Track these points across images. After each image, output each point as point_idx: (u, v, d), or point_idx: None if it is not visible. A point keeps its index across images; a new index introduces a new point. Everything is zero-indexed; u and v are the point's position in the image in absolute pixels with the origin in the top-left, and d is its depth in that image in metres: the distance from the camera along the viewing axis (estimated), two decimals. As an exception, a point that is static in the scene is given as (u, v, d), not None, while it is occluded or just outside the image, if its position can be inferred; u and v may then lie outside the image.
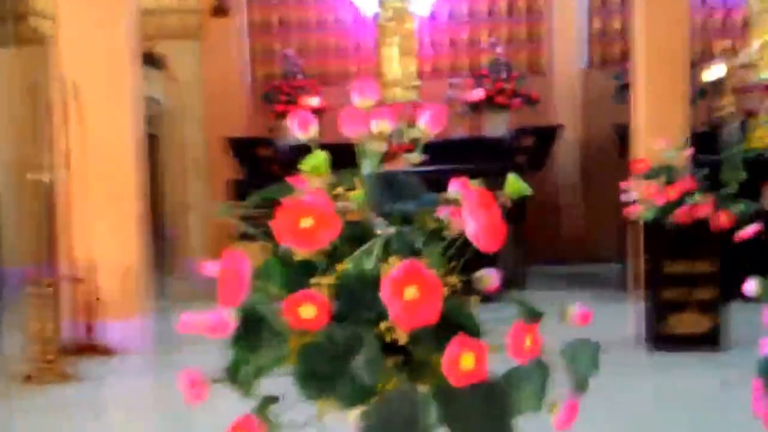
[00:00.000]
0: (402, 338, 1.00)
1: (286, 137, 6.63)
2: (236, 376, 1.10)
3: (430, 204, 1.13)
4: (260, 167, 6.26)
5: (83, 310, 4.28)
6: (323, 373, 0.96)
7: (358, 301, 1.02)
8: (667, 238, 3.98)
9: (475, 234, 1.07)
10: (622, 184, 3.97)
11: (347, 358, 0.98)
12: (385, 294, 0.97)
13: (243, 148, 6.11)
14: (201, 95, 7.33)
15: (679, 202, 3.89)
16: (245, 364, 1.10)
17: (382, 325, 1.00)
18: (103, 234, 4.35)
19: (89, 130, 4.33)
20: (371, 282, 1.01)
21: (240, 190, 6.94)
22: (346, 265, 1.07)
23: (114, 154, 4.39)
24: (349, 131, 1.16)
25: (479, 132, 6.55)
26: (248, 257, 1.16)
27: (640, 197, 4.07)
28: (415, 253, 1.09)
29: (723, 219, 3.85)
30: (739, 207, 3.99)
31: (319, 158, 1.16)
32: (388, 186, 1.13)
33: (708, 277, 4.01)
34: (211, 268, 1.28)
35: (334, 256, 1.11)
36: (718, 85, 6.64)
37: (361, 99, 1.18)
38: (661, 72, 4.06)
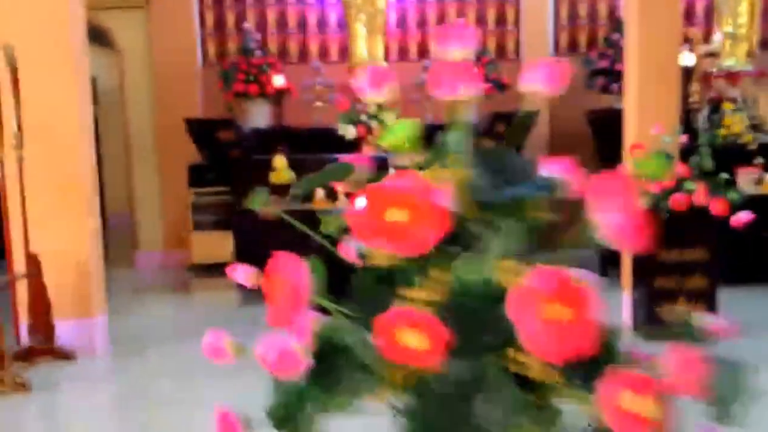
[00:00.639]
0: (535, 371, 0.75)
1: (246, 119, 6.28)
2: (285, 418, 0.83)
3: (545, 189, 0.87)
4: (220, 151, 5.89)
5: (36, 311, 3.88)
6: (440, 424, 0.71)
7: (474, 322, 0.76)
8: (661, 226, 3.84)
9: (616, 230, 0.81)
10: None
11: (467, 401, 0.72)
12: (516, 312, 0.72)
13: (202, 131, 5.74)
14: (149, 73, 6.87)
15: (674, 190, 3.75)
16: (305, 404, 0.83)
17: (507, 354, 0.75)
18: (52, 226, 3.95)
19: (30, 109, 3.91)
20: (492, 296, 0.76)
21: (199, 176, 6.56)
22: (446, 274, 0.81)
23: (60, 136, 3.98)
24: (447, 90, 0.88)
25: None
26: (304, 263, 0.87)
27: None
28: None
29: (719, 206, 3.73)
30: (733, 194, 3.88)
31: (407, 127, 0.89)
32: (495, 166, 0.86)
33: (701, 265, 3.90)
34: (243, 274, 0.99)
35: (420, 260, 0.84)
36: (687, 74, 6.58)
37: (456, 49, 0.89)
38: (652, 54, 3.91)
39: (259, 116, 6.32)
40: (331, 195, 5.55)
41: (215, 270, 6.63)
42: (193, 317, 5.13)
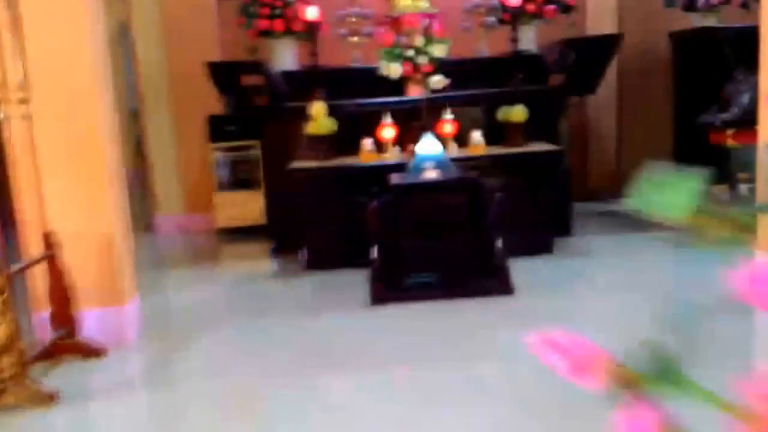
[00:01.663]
0: None
1: (272, 62, 5.53)
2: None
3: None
4: (245, 100, 5.18)
5: (57, 300, 3.27)
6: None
7: None
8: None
9: None
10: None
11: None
12: None
13: (225, 76, 5.01)
14: (158, 10, 6.10)
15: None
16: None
17: None
18: (70, 199, 3.30)
19: (34, 54, 3.21)
20: None
21: (221, 129, 5.88)
22: None
23: (72, 87, 3.29)
24: None
25: (507, 48, 5.58)
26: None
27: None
28: None
29: None
30: None
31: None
32: None
33: None
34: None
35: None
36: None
37: None
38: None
39: (286, 57, 5.57)
40: (379, 146, 4.86)
41: (242, 234, 6.02)
42: (231, 295, 4.53)
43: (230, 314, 4.10)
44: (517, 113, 4.87)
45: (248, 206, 6.03)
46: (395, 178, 4.13)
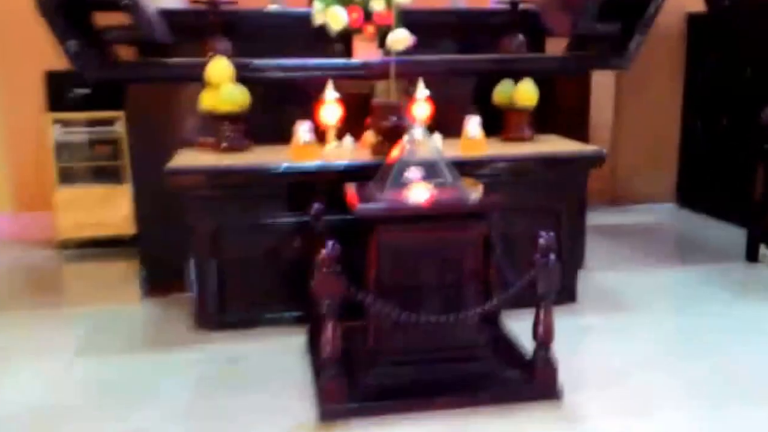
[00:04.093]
0: None
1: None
2: None
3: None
4: (100, 50, 3.31)
5: None
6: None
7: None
8: None
9: None
10: None
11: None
12: None
13: (68, 14, 3.13)
14: None
15: None
16: None
17: None
18: None
19: None
20: None
21: (64, 93, 3.99)
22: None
23: None
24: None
25: (488, 2, 4.03)
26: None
27: None
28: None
29: None
30: None
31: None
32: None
33: None
34: None
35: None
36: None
37: None
38: None
39: (169, -11, 3.72)
40: (320, 134, 3.22)
41: (99, 249, 4.19)
42: (62, 399, 2.73)
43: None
44: (526, 93, 3.33)
45: (108, 208, 4.20)
46: (356, 195, 2.48)
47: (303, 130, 3.00)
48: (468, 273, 2.39)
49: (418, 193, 2.43)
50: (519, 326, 2.74)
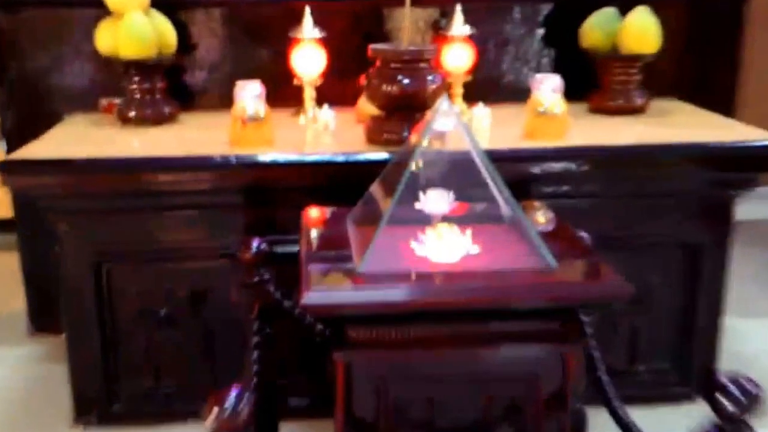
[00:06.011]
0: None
1: None
2: None
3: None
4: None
5: None
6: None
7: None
8: None
9: None
10: None
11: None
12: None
13: None
14: None
15: None
16: None
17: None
18: None
19: None
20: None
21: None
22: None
23: None
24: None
25: None
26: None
27: None
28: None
29: None
30: None
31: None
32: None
33: None
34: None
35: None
36: None
37: None
38: None
39: None
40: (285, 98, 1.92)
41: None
42: None
43: None
44: (642, 30, 1.98)
45: None
46: (313, 249, 1.23)
47: (247, 97, 1.72)
48: (539, 422, 1.14)
49: (439, 248, 1.17)
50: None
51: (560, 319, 1.09)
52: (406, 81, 1.66)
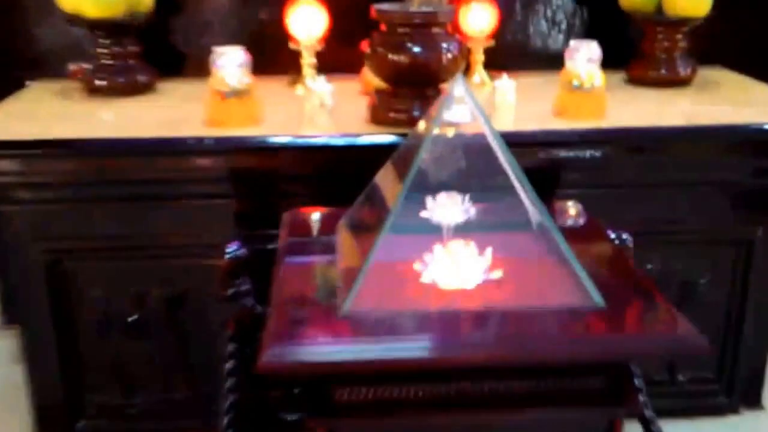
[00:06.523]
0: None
1: None
2: None
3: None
4: None
5: None
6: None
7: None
8: None
9: None
10: None
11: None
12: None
13: None
14: None
15: None
16: None
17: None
18: None
19: None
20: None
21: None
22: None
23: None
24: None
25: None
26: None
27: None
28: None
29: None
30: None
31: None
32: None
33: None
34: None
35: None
36: None
37: None
38: None
39: None
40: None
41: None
42: None
43: None
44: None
45: None
46: (286, 284, 1.00)
47: (227, 66, 1.46)
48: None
49: (450, 273, 0.94)
50: None
51: (608, 375, 0.85)
52: (416, 49, 1.39)
